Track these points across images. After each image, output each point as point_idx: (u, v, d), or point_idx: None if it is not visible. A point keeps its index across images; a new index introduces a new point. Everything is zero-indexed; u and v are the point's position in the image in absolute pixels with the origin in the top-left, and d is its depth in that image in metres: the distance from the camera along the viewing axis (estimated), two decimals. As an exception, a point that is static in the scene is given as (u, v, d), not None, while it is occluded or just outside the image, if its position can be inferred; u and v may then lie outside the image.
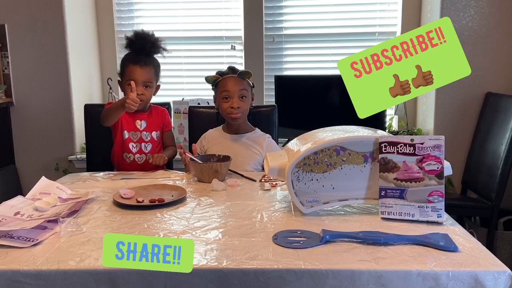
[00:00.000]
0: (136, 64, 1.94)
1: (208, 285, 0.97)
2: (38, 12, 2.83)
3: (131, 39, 1.98)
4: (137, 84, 1.91)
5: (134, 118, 2.02)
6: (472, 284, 0.95)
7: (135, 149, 2.01)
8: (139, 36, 1.98)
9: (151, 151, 2.03)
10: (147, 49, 1.97)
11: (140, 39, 1.98)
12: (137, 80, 1.92)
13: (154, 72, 1.99)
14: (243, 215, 1.30)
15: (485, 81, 2.70)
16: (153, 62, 2.01)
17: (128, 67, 1.95)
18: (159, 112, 2.10)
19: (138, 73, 1.93)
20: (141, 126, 2.02)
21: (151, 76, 1.97)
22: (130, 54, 1.99)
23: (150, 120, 2.05)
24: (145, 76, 1.95)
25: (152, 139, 2.04)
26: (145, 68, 1.95)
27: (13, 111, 2.95)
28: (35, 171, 2.86)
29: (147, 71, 1.95)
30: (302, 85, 2.95)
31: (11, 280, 0.98)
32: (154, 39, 2.00)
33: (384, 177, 1.23)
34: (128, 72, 1.95)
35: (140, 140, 2.02)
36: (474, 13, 2.67)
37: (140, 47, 1.97)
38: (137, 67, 1.94)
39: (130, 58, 1.97)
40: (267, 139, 2.00)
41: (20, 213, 1.29)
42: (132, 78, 1.92)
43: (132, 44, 1.98)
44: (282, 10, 3.11)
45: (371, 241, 1.07)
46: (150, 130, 2.04)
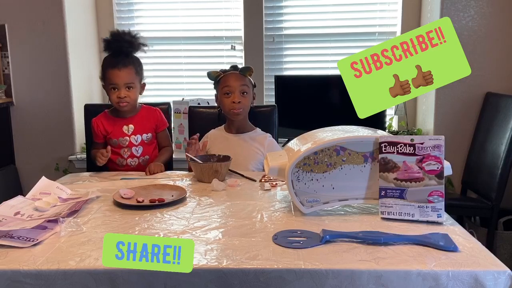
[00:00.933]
0: (114, 68, 1.91)
1: (208, 285, 0.97)
2: (38, 12, 2.83)
3: (107, 40, 1.95)
4: (119, 87, 1.92)
5: (121, 124, 1.99)
6: (472, 284, 0.95)
7: (126, 154, 1.98)
8: (115, 37, 1.95)
9: (143, 154, 2.01)
10: (124, 49, 1.94)
11: (115, 40, 1.94)
12: (118, 83, 1.91)
13: (135, 71, 1.95)
14: (243, 215, 1.30)
15: (485, 81, 2.70)
16: (133, 62, 1.96)
17: (108, 71, 1.93)
18: (150, 113, 2.06)
19: (117, 76, 1.91)
20: (128, 131, 1.98)
21: (132, 77, 1.94)
22: (109, 57, 1.96)
23: (138, 122, 2.01)
24: (126, 78, 1.92)
25: (142, 142, 2.00)
26: (124, 70, 1.91)
27: (13, 111, 2.95)
28: (35, 171, 2.85)
29: (127, 72, 1.92)
30: (302, 85, 2.95)
31: (11, 280, 0.98)
32: (130, 37, 1.95)
33: (384, 177, 1.23)
34: (109, 77, 1.92)
35: (130, 144, 1.98)
36: (474, 13, 2.67)
37: (117, 48, 1.94)
38: (115, 71, 1.91)
39: (108, 62, 1.94)
40: (268, 138, 2.01)
41: (20, 213, 1.29)
42: (113, 82, 1.91)
43: (109, 46, 1.95)
44: (282, 10, 3.11)
45: (371, 241, 1.07)
46: (139, 133, 2.00)
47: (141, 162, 2.00)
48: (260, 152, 1.96)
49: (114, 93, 1.93)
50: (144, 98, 3.08)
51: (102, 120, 2.01)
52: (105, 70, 1.95)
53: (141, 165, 2.00)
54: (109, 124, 2.00)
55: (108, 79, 1.93)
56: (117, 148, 1.98)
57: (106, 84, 1.96)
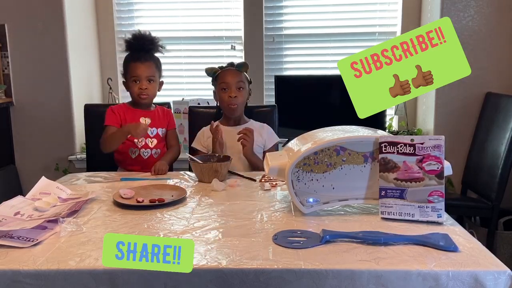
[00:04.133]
0: (137, 61, 2.01)
1: (208, 285, 0.97)
2: (38, 12, 2.83)
3: (129, 41, 2.06)
4: (141, 79, 2.01)
5: (138, 115, 2.05)
6: (472, 284, 0.95)
7: (141, 144, 2.03)
8: (137, 36, 2.06)
9: (157, 146, 2.06)
10: (145, 47, 2.04)
11: (138, 39, 2.05)
12: (140, 75, 2.00)
13: (155, 66, 2.06)
14: (243, 215, 1.30)
15: (485, 81, 2.70)
16: (154, 58, 2.07)
17: (130, 64, 2.02)
18: (164, 111, 2.15)
19: (140, 68, 2.00)
20: (146, 122, 2.04)
21: (153, 71, 2.03)
22: (131, 54, 2.06)
23: (155, 117, 2.09)
24: (148, 71, 2.01)
25: (157, 134, 2.07)
26: (146, 63, 2.01)
27: (13, 111, 2.95)
28: (35, 171, 2.85)
29: (149, 66, 2.02)
30: (302, 85, 2.95)
31: (11, 280, 0.98)
32: (152, 37, 2.08)
33: (384, 177, 1.23)
34: (131, 70, 2.01)
35: (146, 136, 2.03)
36: (474, 13, 2.67)
37: (139, 46, 2.04)
38: (138, 64, 2.00)
39: (131, 57, 2.04)
40: (265, 127, 2.10)
41: (20, 213, 1.29)
42: (135, 74, 2.00)
43: (131, 45, 2.06)
44: (282, 10, 3.11)
45: (371, 241, 1.07)
46: (156, 126, 2.07)
47: (153, 154, 2.05)
48: (258, 139, 2.02)
49: (136, 85, 2.01)
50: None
51: (122, 108, 2.07)
52: (128, 63, 2.04)
53: (152, 157, 2.04)
54: (128, 114, 2.05)
55: (130, 71, 2.02)
56: (131, 137, 1.99)
57: (127, 77, 2.04)
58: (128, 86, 2.05)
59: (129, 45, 2.06)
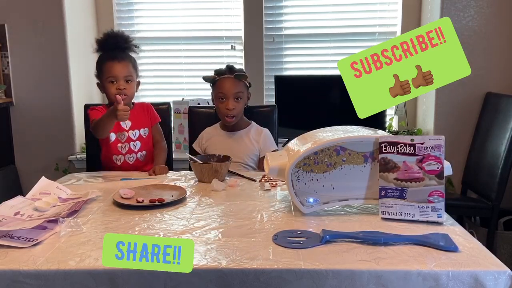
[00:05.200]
0: (114, 60, 1.91)
1: (208, 285, 0.97)
2: (38, 12, 2.83)
3: (102, 40, 1.97)
4: (118, 79, 1.91)
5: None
6: (472, 284, 0.95)
7: (124, 149, 1.97)
8: (111, 35, 1.97)
9: (141, 149, 2.00)
10: (121, 45, 1.96)
11: (112, 37, 1.96)
12: (117, 75, 1.91)
13: (132, 66, 1.97)
14: (243, 215, 1.30)
15: (485, 81, 2.70)
16: (130, 57, 1.98)
17: (106, 64, 1.92)
18: (143, 108, 2.06)
19: (117, 68, 1.91)
20: (126, 126, 1.98)
21: (130, 70, 1.95)
22: (105, 53, 1.96)
23: (134, 118, 1.98)
24: (125, 70, 1.92)
25: (140, 136, 2.00)
26: (123, 62, 1.92)
27: (13, 111, 2.95)
28: (35, 171, 2.85)
29: (126, 65, 1.93)
30: (302, 85, 2.95)
31: (11, 280, 0.98)
32: (126, 36, 1.99)
33: (384, 177, 1.23)
34: (107, 69, 1.91)
35: (128, 140, 1.98)
36: (474, 13, 2.67)
37: (114, 45, 1.95)
38: (115, 63, 1.91)
39: (106, 56, 1.94)
40: (264, 132, 2.06)
41: (20, 213, 1.29)
42: (112, 74, 1.90)
43: (105, 44, 1.96)
44: (282, 10, 3.11)
45: (371, 241, 1.07)
46: (137, 128, 2.00)
47: (139, 158, 1.99)
48: (255, 146, 2.01)
49: (113, 86, 1.92)
50: (144, 98, 3.10)
51: (101, 110, 1.97)
52: (103, 63, 1.93)
53: (139, 160, 1.99)
54: None
55: (106, 72, 1.92)
56: (113, 144, 1.96)
57: (103, 78, 1.94)
58: (105, 87, 1.94)
59: (102, 44, 1.96)
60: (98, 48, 1.98)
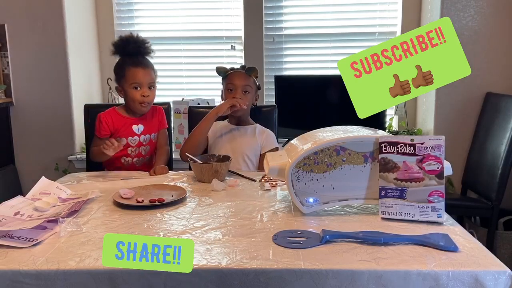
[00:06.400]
0: (138, 66, 1.93)
1: (208, 285, 0.97)
2: (38, 12, 2.83)
3: (121, 44, 1.96)
4: (142, 86, 1.93)
5: (130, 123, 1.98)
6: (472, 284, 0.95)
7: (134, 153, 1.99)
8: (130, 39, 1.96)
9: (150, 153, 2.03)
10: (142, 50, 1.97)
11: (132, 42, 1.96)
12: (142, 81, 1.92)
13: (153, 72, 1.99)
14: (243, 215, 1.30)
15: (485, 81, 2.70)
16: (151, 64, 2.01)
17: (130, 70, 1.92)
18: (156, 112, 2.07)
19: (141, 75, 1.92)
20: (138, 130, 1.99)
21: (153, 77, 1.97)
22: (128, 58, 1.96)
23: (147, 122, 2.02)
24: (148, 77, 1.94)
25: (150, 141, 2.02)
26: (147, 69, 1.95)
27: (13, 111, 2.95)
28: (35, 171, 2.85)
29: (149, 72, 1.95)
30: (302, 85, 2.95)
31: (11, 280, 0.98)
32: (145, 40, 1.99)
33: (384, 177, 1.23)
34: (131, 75, 1.92)
35: (138, 144, 1.99)
36: (474, 13, 2.67)
37: (135, 50, 1.95)
38: (139, 69, 1.92)
39: (130, 61, 1.94)
40: (268, 132, 2.10)
41: (20, 213, 1.29)
42: (136, 80, 1.91)
43: (125, 48, 1.96)
44: (282, 10, 3.11)
45: (371, 241, 1.07)
46: (148, 133, 2.01)
47: (146, 161, 2.03)
48: (258, 142, 2.04)
49: (137, 92, 1.93)
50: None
51: (111, 116, 1.98)
52: (126, 69, 1.93)
53: (145, 163, 2.02)
54: (119, 122, 1.97)
55: (130, 78, 1.92)
56: (125, 147, 1.95)
57: (126, 83, 1.93)
58: (126, 92, 1.94)
59: (123, 49, 1.96)
60: (118, 52, 1.97)
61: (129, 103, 1.98)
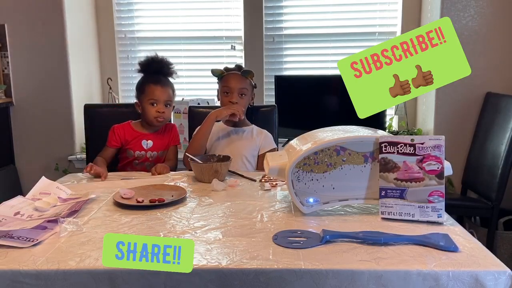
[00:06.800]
0: (157, 84, 2.00)
1: (208, 285, 0.97)
2: (38, 12, 2.83)
3: (145, 63, 2.05)
4: (159, 102, 1.99)
5: (141, 138, 2.04)
6: (472, 284, 0.95)
7: (139, 166, 2.02)
8: (155, 59, 2.05)
9: None
10: (164, 70, 2.05)
11: (156, 62, 2.05)
12: (159, 98, 1.99)
13: (172, 92, 2.06)
14: (243, 215, 1.30)
15: (485, 81, 2.70)
16: (171, 84, 2.07)
17: (150, 86, 2.00)
18: (168, 129, 2.11)
19: (159, 92, 1.99)
20: (147, 146, 2.03)
21: (170, 95, 2.04)
22: (149, 76, 2.04)
23: (158, 139, 2.06)
24: (166, 95, 2.01)
25: (157, 157, 2.05)
26: (165, 88, 2.02)
27: (13, 111, 2.95)
28: (35, 171, 2.86)
29: (167, 90, 2.02)
30: (302, 85, 2.95)
31: (11, 280, 0.98)
32: (169, 62, 2.08)
33: (384, 177, 1.23)
34: (150, 92, 1.99)
35: (145, 159, 2.03)
36: (474, 13, 2.67)
37: (157, 69, 2.04)
38: (158, 87, 2.00)
39: (151, 79, 2.02)
40: (265, 132, 2.09)
41: (20, 213, 1.29)
42: (154, 97, 1.99)
43: (148, 67, 2.05)
44: (282, 10, 3.11)
45: (371, 241, 1.07)
46: (156, 150, 2.05)
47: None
48: (256, 143, 2.04)
49: (153, 108, 1.99)
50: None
51: (124, 128, 2.06)
52: (146, 85, 2.01)
53: None
54: (131, 135, 2.04)
55: (148, 94, 2.00)
56: (131, 159, 2.02)
57: (144, 99, 2.01)
58: (144, 107, 2.02)
59: (146, 67, 2.05)
60: (141, 70, 2.06)
61: (144, 117, 2.05)
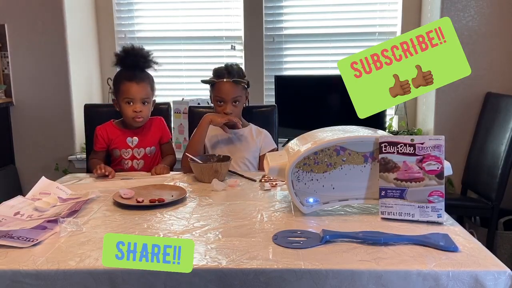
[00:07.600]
0: (132, 81, 1.88)
1: (208, 285, 0.97)
2: (38, 12, 2.83)
3: (121, 56, 1.93)
4: (135, 101, 1.89)
5: (125, 136, 1.96)
6: (472, 284, 0.95)
7: (127, 165, 1.96)
8: (130, 52, 1.92)
9: (144, 168, 1.97)
10: (140, 64, 1.92)
11: (131, 55, 1.92)
12: (135, 97, 1.88)
13: (150, 87, 1.94)
14: (243, 215, 1.30)
15: (485, 81, 2.70)
16: (149, 78, 1.95)
17: (124, 84, 1.88)
18: (155, 124, 2.02)
19: (134, 90, 1.87)
20: (132, 143, 1.96)
21: (148, 92, 1.92)
22: (124, 71, 1.92)
23: (143, 135, 1.98)
24: (142, 92, 1.89)
25: (145, 155, 1.97)
26: (141, 84, 1.89)
27: (13, 111, 2.95)
28: (35, 171, 2.85)
29: (144, 87, 1.90)
30: (302, 85, 2.95)
31: (11, 280, 0.98)
32: (146, 53, 1.94)
33: (384, 177, 1.23)
34: (125, 90, 1.88)
35: (131, 157, 1.96)
36: (474, 13, 2.67)
37: (133, 63, 1.91)
38: (133, 84, 1.88)
39: (125, 75, 1.90)
40: (264, 132, 2.07)
41: (20, 213, 1.29)
42: (129, 95, 1.88)
43: (123, 60, 1.92)
44: (282, 10, 3.11)
45: (371, 241, 1.07)
46: (143, 146, 1.97)
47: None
48: (257, 144, 2.02)
49: (130, 107, 1.89)
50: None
51: (106, 128, 1.97)
52: (120, 83, 1.90)
53: None
54: (114, 134, 1.96)
55: (123, 92, 1.89)
56: (118, 159, 1.96)
57: (120, 97, 1.91)
58: (120, 106, 1.91)
59: (121, 60, 1.92)
60: (118, 63, 1.94)
61: (124, 117, 1.96)
